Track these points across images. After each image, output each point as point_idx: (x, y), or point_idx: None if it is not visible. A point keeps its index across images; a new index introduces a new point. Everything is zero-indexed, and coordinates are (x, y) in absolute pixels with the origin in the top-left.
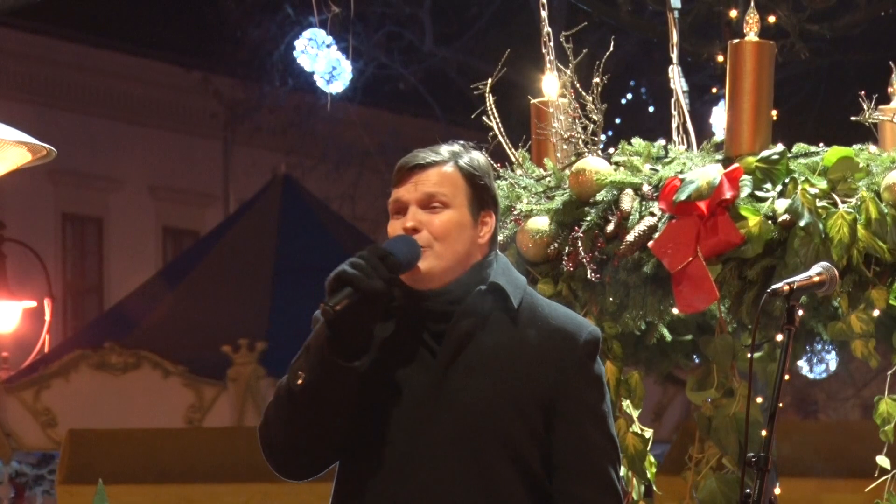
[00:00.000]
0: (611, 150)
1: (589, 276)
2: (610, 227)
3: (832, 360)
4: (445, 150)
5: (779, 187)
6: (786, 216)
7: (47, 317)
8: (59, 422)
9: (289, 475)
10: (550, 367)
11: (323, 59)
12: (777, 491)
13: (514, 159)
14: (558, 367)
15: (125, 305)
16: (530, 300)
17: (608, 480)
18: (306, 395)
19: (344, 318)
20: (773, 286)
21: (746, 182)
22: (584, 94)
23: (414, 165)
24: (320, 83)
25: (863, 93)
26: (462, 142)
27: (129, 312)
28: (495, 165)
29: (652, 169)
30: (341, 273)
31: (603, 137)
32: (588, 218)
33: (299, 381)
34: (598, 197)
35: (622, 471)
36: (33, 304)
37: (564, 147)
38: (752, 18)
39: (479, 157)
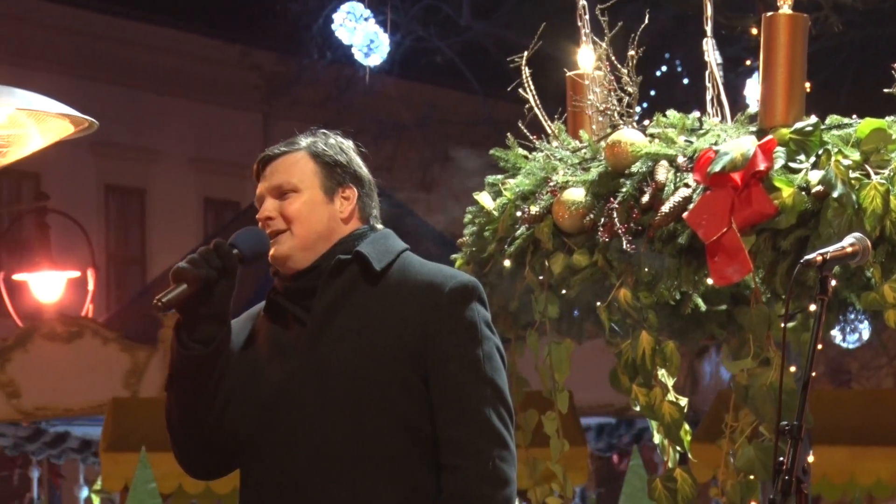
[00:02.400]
0: (646, 122)
1: (624, 246)
2: (645, 199)
3: (865, 329)
4: (297, 139)
5: (812, 159)
6: (819, 187)
7: (91, 287)
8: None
9: (193, 474)
10: (415, 319)
11: (361, 33)
12: (810, 459)
13: (550, 131)
14: (423, 318)
15: (167, 277)
16: (403, 263)
17: (483, 422)
18: (175, 384)
19: (179, 309)
20: (807, 257)
21: (780, 154)
22: (619, 66)
23: (264, 158)
24: (358, 56)
25: (895, 65)
26: (322, 130)
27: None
28: (531, 137)
29: (686, 141)
30: (175, 269)
31: (638, 109)
32: (623, 189)
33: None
34: (634, 168)
35: (657, 436)
36: (77, 274)
37: (600, 119)
38: None
39: (333, 140)
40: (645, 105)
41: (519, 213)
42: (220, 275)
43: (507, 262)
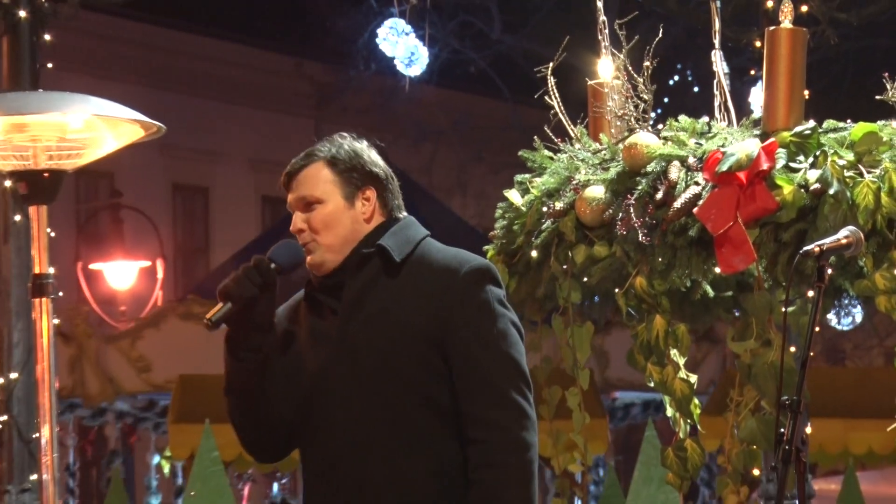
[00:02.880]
0: (659, 127)
1: (640, 238)
2: (659, 196)
3: (858, 313)
4: (314, 149)
5: (810, 159)
6: (817, 185)
7: (160, 275)
8: (154, 367)
9: (259, 460)
10: (434, 302)
11: (402, 46)
12: (808, 430)
13: (573, 135)
14: (440, 300)
15: (228, 266)
16: (423, 250)
17: (501, 395)
18: (233, 389)
19: (230, 324)
20: (805, 248)
21: (781, 154)
22: (635, 76)
23: (287, 174)
24: (400, 67)
25: (886, 75)
26: (339, 134)
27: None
28: (555, 140)
29: (696, 143)
30: (221, 289)
31: (652, 115)
32: (639, 187)
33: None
34: (649, 168)
35: (669, 410)
36: (147, 263)
37: (618, 124)
38: (787, 7)
39: (349, 146)
40: (659, 111)
41: (545, 209)
42: (261, 290)
43: (534, 253)
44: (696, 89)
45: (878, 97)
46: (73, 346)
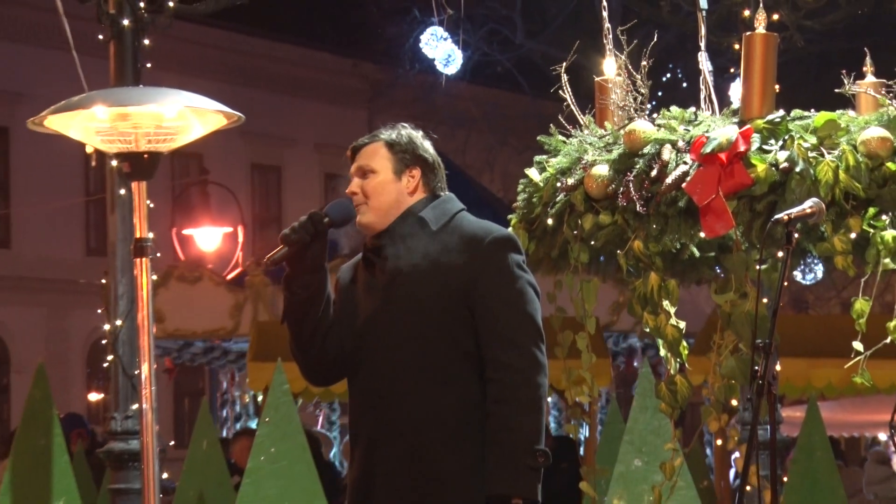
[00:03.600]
0: (654, 116)
1: (638, 209)
2: (653, 173)
3: (819, 270)
4: (381, 131)
5: (780, 142)
6: (785, 164)
7: (240, 239)
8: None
9: (311, 382)
10: (463, 265)
11: (441, 49)
12: (778, 367)
13: (582, 123)
14: (468, 263)
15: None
16: (457, 221)
17: (517, 343)
18: (288, 318)
19: (280, 261)
20: (776, 216)
21: (756, 139)
22: (634, 74)
23: (354, 147)
24: (439, 67)
25: (844, 72)
26: (401, 124)
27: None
28: (568, 127)
29: (685, 129)
30: (281, 235)
31: (648, 106)
32: (637, 166)
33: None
34: (645, 150)
35: (662, 351)
36: (230, 229)
37: (620, 113)
38: (761, 16)
39: (407, 133)
40: (654, 103)
41: (559, 184)
42: (313, 238)
43: (549, 221)
44: (685, 85)
45: (836, 90)
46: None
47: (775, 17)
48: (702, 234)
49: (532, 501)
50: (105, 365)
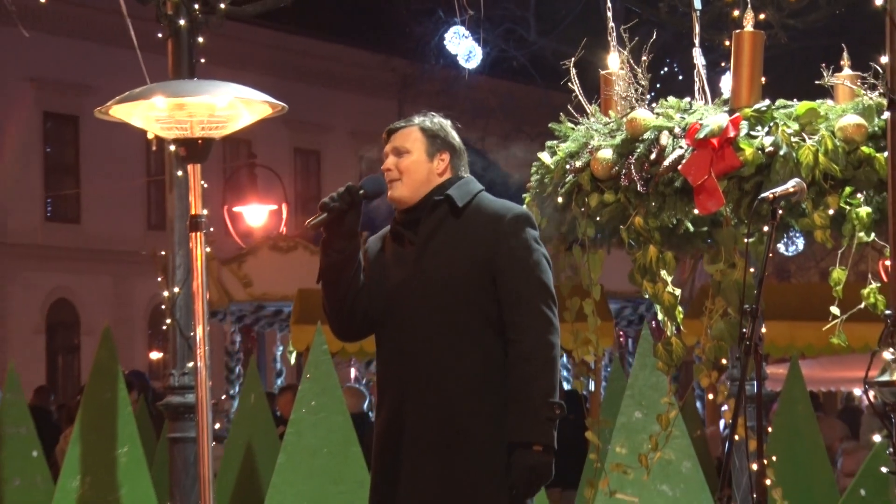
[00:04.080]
0: (653, 105)
1: (638, 188)
2: (652, 156)
3: (800, 243)
4: (415, 117)
5: (766, 129)
6: (770, 148)
7: (284, 215)
8: (254, 283)
9: (339, 337)
10: (486, 239)
11: (463, 46)
12: (763, 330)
13: (589, 112)
14: (491, 238)
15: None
16: (479, 201)
17: (534, 309)
18: (321, 280)
19: (319, 226)
20: (762, 195)
21: (744, 125)
22: (635, 67)
23: (389, 129)
24: (461, 62)
25: (823, 65)
26: (432, 113)
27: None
28: (576, 116)
29: (681, 117)
30: (320, 203)
31: (648, 97)
32: (638, 150)
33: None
34: (645, 136)
35: (660, 315)
36: (275, 207)
37: (622, 103)
38: (749, 16)
39: (439, 121)
40: (653, 94)
41: (567, 166)
42: (349, 207)
43: (559, 199)
44: (680, 78)
45: (817, 82)
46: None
47: (762, 16)
48: (695, 211)
49: (549, 447)
50: (164, 328)
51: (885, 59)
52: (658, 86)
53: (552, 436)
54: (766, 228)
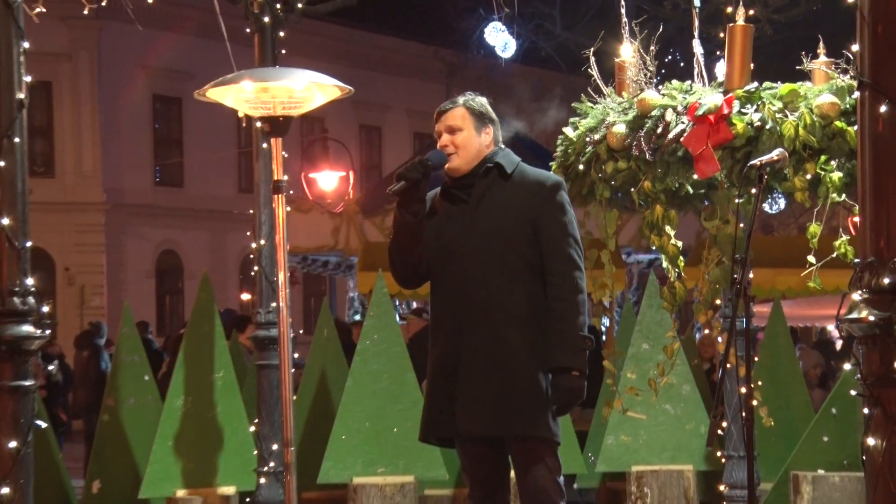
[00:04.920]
0: (659, 88)
1: (647, 157)
2: (659, 130)
3: (782, 202)
4: (459, 98)
5: (755, 107)
6: (758, 123)
7: (351, 180)
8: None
9: (401, 284)
10: (530, 200)
11: (500, 39)
12: (751, 275)
13: (605, 93)
14: (534, 199)
15: (390, 178)
16: (521, 169)
17: (567, 257)
18: (394, 234)
19: (400, 193)
20: (751, 162)
21: (736, 104)
22: (644, 55)
23: (440, 110)
24: (498, 52)
25: (803, 53)
26: (471, 92)
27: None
28: (594, 96)
29: (683, 97)
30: (398, 173)
31: (655, 80)
32: (647, 125)
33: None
34: (653, 113)
35: (665, 263)
36: (343, 173)
37: (633, 86)
38: (740, 12)
39: (479, 99)
40: (659, 78)
41: (587, 139)
42: (421, 176)
43: (580, 167)
44: (682, 64)
45: (797, 67)
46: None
47: (751, 12)
48: (695, 176)
49: (583, 372)
50: (252, 273)
51: (855, 48)
52: (663, 71)
53: (585, 363)
54: (753, 190)
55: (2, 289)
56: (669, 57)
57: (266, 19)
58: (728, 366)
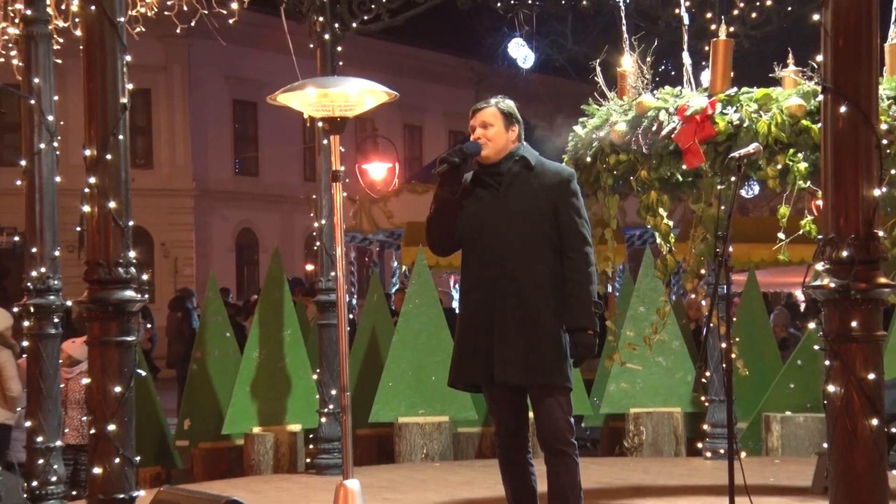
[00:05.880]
0: (654, 92)
1: (644, 150)
2: (654, 128)
3: (756, 188)
4: (491, 99)
5: (734, 108)
6: (737, 122)
7: (397, 171)
8: (395, 215)
9: (435, 252)
10: (551, 188)
11: (521, 52)
12: (730, 249)
13: (609, 97)
14: (554, 188)
15: (430, 166)
16: (541, 161)
17: (580, 235)
18: (435, 209)
19: (443, 174)
20: (731, 154)
21: (719, 106)
22: (642, 66)
23: (475, 109)
24: (519, 63)
25: (775, 63)
26: (501, 96)
27: (429, 168)
28: (600, 100)
29: (674, 100)
30: (441, 158)
31: (650, 86)
32: (644, 123)
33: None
34: (649, 114)
35: (658, 239)
36: (390, 165)
37: (633, 91)
38: (722, 29)
39: (508, 102)
40: (654, 84)
41: (594, 136)
42: (462, 162)
43: (588, 159)
44: (673, 73)
45: (770, 75)
46: (355, 206)
47: (731, 29)
48: (684, 166)
49: (596, 332)
50: (315, 248)
51: (819, 58)
52: (657, 79)
53: (597, 323)
54: (733, 178)
55: (109, 261)
56: (663, 67)
57: (326, 36)
58: (711, 325)
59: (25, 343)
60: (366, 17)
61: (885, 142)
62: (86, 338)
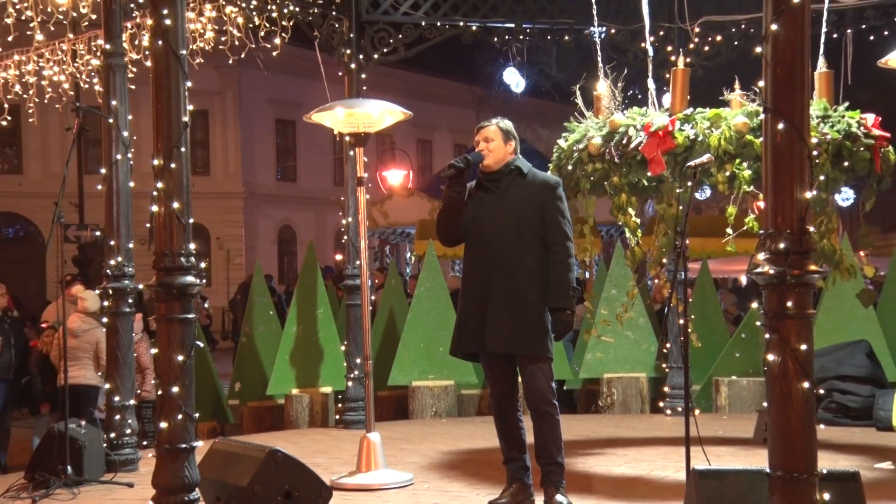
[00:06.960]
0: (625, 112)
1: (616, 160)
2: (624, 141)
3: (708, 191)
4: (493, 119)
5: (690, 125)
6: (693, 136)
7: (411, 176)
8: (389, 215)
9: (443, 243)
10: (540, 193)
11: (514, 79)
12: (687, 242)
13: (587, 116)
14: (543, 194)
15: (438, 175)
16: (532, 171)
17: (562, 232)
18: (444, 205)
19: (450, 176)
20: (688, 163)
21: (678, 123)
22: (614, 90)
23: (479, 127)
24: (513, 88)
25: (724, 88)
26: (501, 116)
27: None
28: (579, 118)
29: (641, 118)
30: (449, 164)
31: (622, 107)
32: (615, 138)
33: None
34: (620, 130)
35: (628, 233)
36: (405, 172)
37: (607, 110)
38: (680, 60)
39: (507, 122)
40: (624, 105)
41: (574, 148)
42: (466, 167)
43: (569, 167)
44: (639, 97)
45: (720, 98)
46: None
47: (688, 60)
48: (649, 173)
49: (573, 311)
50: (343, 241)
51: (761, 83)
52: (627, 101)
53: (574, 304)
54: (689, 184)
55: (173, 251)
56: (631, 91)
57: (352, 66)
58: (671, 305)
59: (105, 319)
60: (385, 50)
61: (814, 153)
62: (141, 315)
